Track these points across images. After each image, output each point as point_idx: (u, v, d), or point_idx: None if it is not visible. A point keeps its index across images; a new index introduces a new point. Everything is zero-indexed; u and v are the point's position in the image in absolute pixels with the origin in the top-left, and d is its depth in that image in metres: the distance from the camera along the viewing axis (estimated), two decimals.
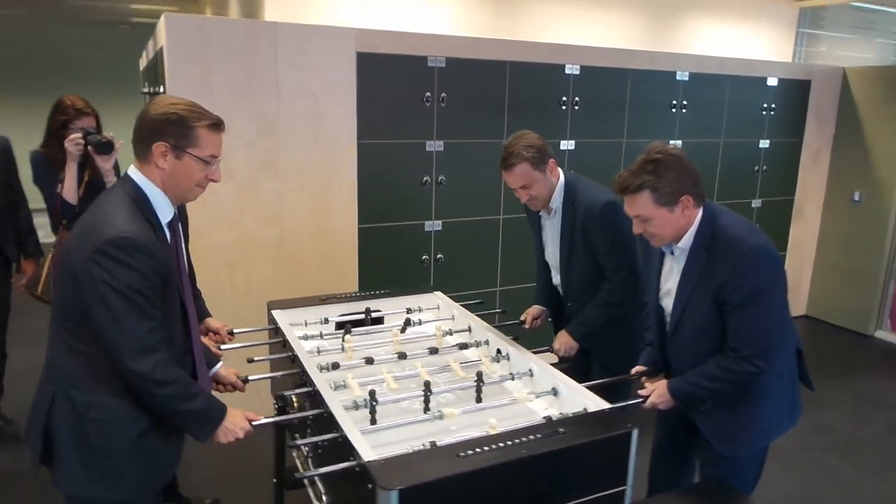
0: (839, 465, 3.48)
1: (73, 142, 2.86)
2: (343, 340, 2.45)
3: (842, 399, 4.19)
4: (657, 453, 2.30)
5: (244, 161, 3.28)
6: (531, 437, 1.70)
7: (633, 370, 2.23)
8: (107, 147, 2.90)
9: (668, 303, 2.04)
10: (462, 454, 1.60)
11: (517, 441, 1.67)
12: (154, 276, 1.59)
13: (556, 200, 2.50)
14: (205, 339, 2.35)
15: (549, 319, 2.79)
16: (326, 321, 2.67)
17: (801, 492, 3.18)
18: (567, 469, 1.70)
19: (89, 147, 2.88)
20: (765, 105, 4.89)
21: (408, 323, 2.69)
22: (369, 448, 1.63)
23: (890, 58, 7.98)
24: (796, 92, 5.05)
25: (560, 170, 2.50)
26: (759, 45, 6.01)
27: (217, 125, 1.70)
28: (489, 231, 3.98)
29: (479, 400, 2.09)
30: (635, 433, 1.77)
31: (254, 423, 1.85)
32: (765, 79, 4.85)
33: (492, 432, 1.77)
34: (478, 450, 1.62)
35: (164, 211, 1.69)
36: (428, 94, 3.62)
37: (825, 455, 3.55)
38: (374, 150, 3.56)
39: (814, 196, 5.44)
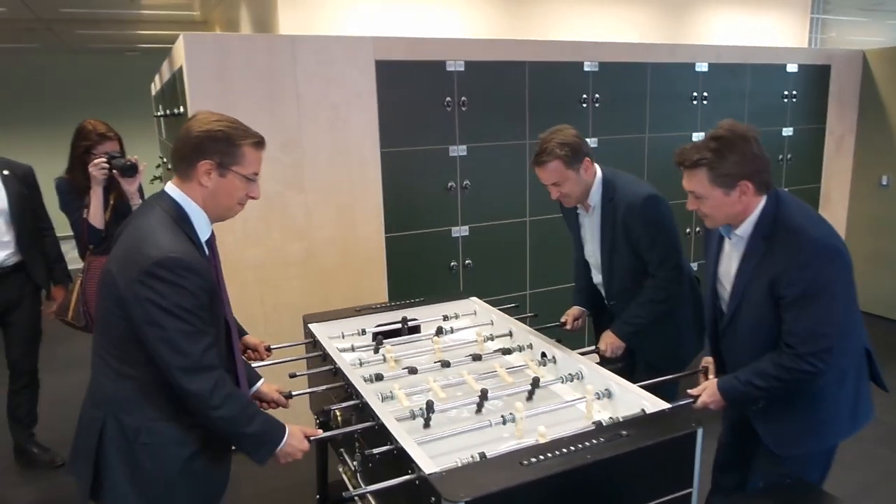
0: (890, 456, 3.38)
1: (98, 166, 2.85)
2: (380, 350, 2.41)
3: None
4: (723, 450, 2.22)
5: (269, 176, 3.25)
6: (594, 441, 1.64)
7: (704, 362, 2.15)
8: (132, 170, 2.89)
9: (723, 288, 1.97)
10: (525, 462, 1.55)
11: (580, 446, 1.61)
12: (203, 294, 1.56)
13: (595, 197, 2.45)
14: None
15: (589, 318, 2.73)
16: (363, 332, 2.63)
17: (852, 485, 3.09)
18: (632, 473, 1.64)
19: (114, 171, 2.87)
20: (786, 92, 4.82)
21: (440, 331, 2.64)
22: (428, 459, 1.58)
23: None
24: (817, 77, 4.97)
25: (597, 166, 2.45)
26: (774, 33, 5.94)
27: (260, 143, 1.69)
28: (516, 234, 3.93)
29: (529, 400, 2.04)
30: (700, 433, 1.71)
31: (311, 438, 1.80)
32: (784, 66, 4.77)
33: (541, 440, 1.71)
34: (541, 457, 1.56)
35: (204, 229, 1.67)
36: (448, 98, 3.58)
37: (874, 447, 3.45)
38: (397, 158, 3.53)
39: (840, 182, 5.35)
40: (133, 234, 1.59)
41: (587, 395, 1.92)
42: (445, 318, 2.78)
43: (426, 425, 1.88)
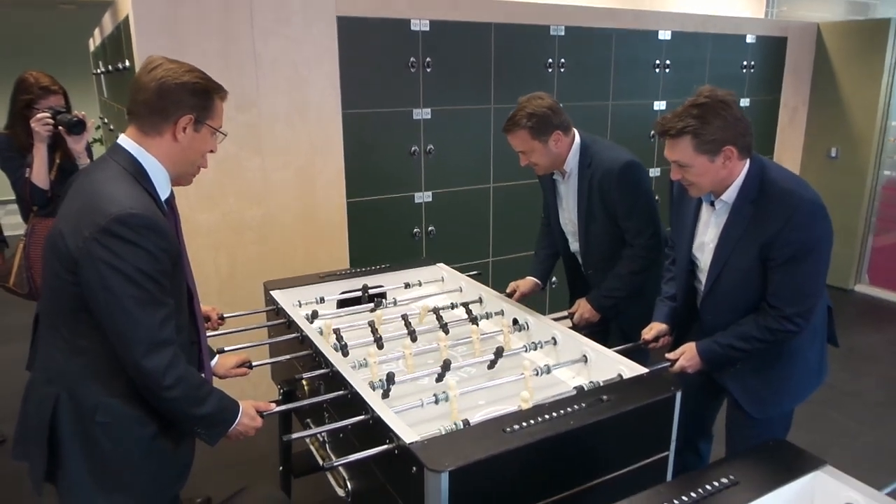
0: (838, 417, 3.51)
1: (41, 122, 2.64)
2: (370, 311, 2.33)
3: (831, 353, 4.23)
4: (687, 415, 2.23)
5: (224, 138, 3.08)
6: (575, 406, 1.61)
7: (649, 329, 2.14)
8: (79, 127, 2.69)
9: (701, 256, 1.96)
10: (508, 430, 1.50)
11: (562, 412, 1.58)
12: (165, 257, 1.42)
13: (571, 163, 2.40)
14: None
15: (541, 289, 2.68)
16: (322, 300, 2.53)
17: (802, 445, 3.19)
18: (613, 438, 1.62)
19: (59, 127, 2.66)
20: (744, 63, 4.86)
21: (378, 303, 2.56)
22: (408, 429, 1.52)
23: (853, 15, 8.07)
24: (773, 49, 5.03)
25: (576, 131, 2.39)
26: (733, 6, 5.97)
27: (226, 95, 1.58)
28: (480, 201, 3.87)
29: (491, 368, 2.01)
30: (679, 396, 1.70)
31: (265, 413, 1.71)
32: (743, 36, 4.81)
33: (524, 406, 1.67)
34: (524, 424, 1.52)
35: (163, 186, 1.52)
36: (413, 59, 3.46)
37: (823, 409, 3.57)
38: (359, 121, 3.39)
39: (792, 154, 5.47)
40: (86, 188, 1.44)
41: (525, 372, 1.86)
42: (407, 285, 2.70)
43: (384, 396, 1.81)
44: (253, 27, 3.05)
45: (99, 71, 5.24)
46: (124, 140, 1.49)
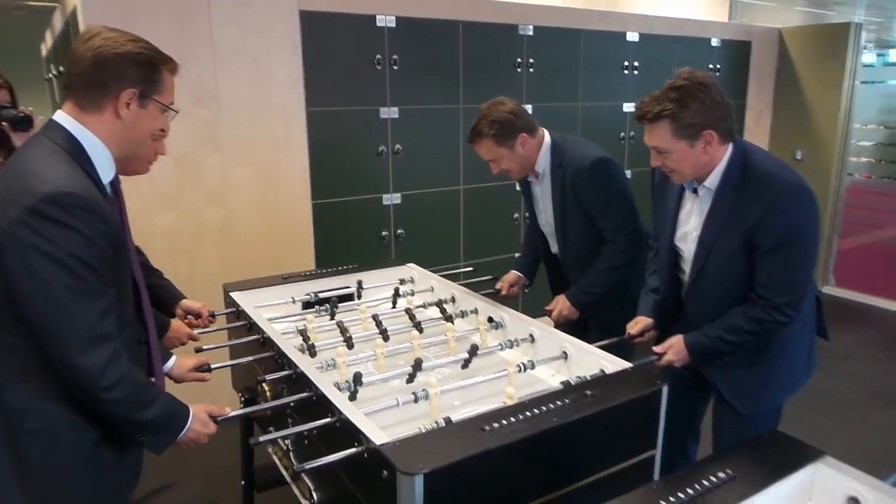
0: (813, 418, 3.48)
1: None
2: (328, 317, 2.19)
3: None
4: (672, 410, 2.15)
5: (181, 133, 2.92)
6: (557, 402, 1.50)
7: (634, 323, 2.06)
8: (25, 122, 2.51)
9: (685, 246, 1.88)
10: (487, 428, 1.39)
11: (544, 409, 1.47)
12: (103, 242, 1.27)
13: (542, 164, 2.32)
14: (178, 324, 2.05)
15: (527, 286, 2.61)
16: (285, 302, 2.39)
17: None
18: (599, 436, 1.52)
19: (3, 123, 2.49)
20: (710, 66, 4.88)
21: (397, 294, 2.47)
22: (378, 430, 1.39)
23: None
24: (738, 53, 5.07)
25: (545, 131, 2.32)
26: (697, 15, 6.03)
27: (175, 68, 1.43)
28: (450, 203, 3.77)
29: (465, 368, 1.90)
30: (665, 390, 1.61)
31: (219, 418, 1.56)
32: (709, 40, 4.84)
33: (509, 402, 1.56)
34: (504, 422, 1.41)
35: (105, 167, 1.37)
36: (379, 56, 3.36)
37: (798, 409, 3.52)
38: (324, 119, 3.27)
39: None
40: (14, 168, 1.29)
41: (509, 368, 1.76)
42: (360, 284, 2.58)
43: (352, 398, 1.68)
44: (210, 13, 2.91)
45: (51, 75, 5.02)
46: (60, 115, 1.34)
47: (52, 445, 1.32)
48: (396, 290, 2.51)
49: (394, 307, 2.42)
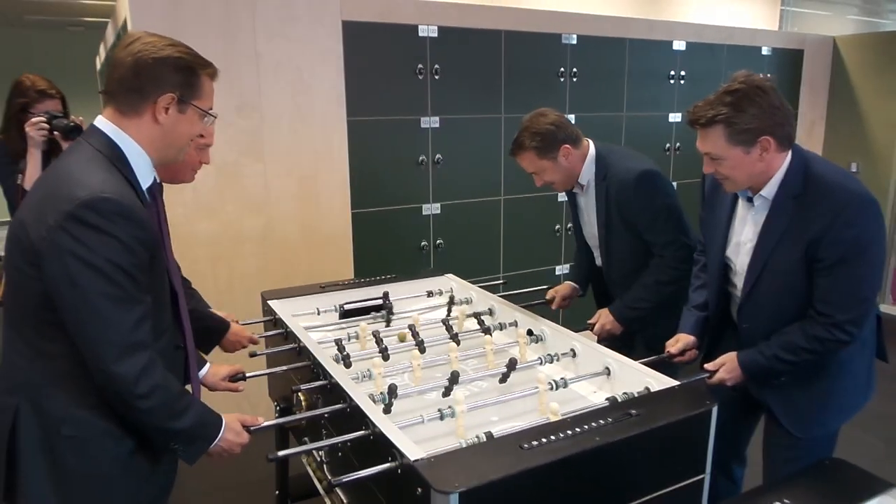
0: (870, 440, 3.30)
1: (36, 126, 2.53)
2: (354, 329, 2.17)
3: None
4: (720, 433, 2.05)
5: (224, 143, 2.96)
6: (600, 421, 1.43)
7: (675, 341, 1.96)
8: (76, 132, 2.57)
9: (737, 259, 1.79)
10: (526, 446, 1.33)
11: (585, 427, 1.41)
12: (140, 248, 1.27)
13: (587, 176, 2.26)
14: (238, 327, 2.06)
15: (580, 296, 2.54)
16: (336, 308, 2.37)
17: None
18: (644, 458, 1.44)
19: (55, 133, 2.56)
20: (760, 76, 4.71)
21: (452, 302, 2.45)
22: (413, 445, 1.35)
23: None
24: (790, 62, 4.91)
25: (590, 142, 2.26)
26: (747, 19, 5.89)
27: (216, 73, 1.43)
28: (491, 214, 3.72)
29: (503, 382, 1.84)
30: (715, 411, 1.53)
31: (252, 428, 1.54)
32: (759, 49, 4.69)
33: (552, 418, 1.49)
34: (543, 440, 1.35)
35: (145, 173, 1.37)
36: (420, 66, 3.35)
37: (854, 430, 3.34)
38: (365, 128, 3.27)
39: None
40: (53, 174, 1.29)
41: (540, 386, 1.68)
42: (430, 293, 2.54)
43: (386, 410, 1.64)
44: (255, 27, 2.94)
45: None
46: (100, 121, 1.35)
47: (88, 453, 1.32)
48: (451, 298, 2.47)
49: (448, 315, 2.37)
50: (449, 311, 2.42)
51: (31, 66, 8.52)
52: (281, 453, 1.54)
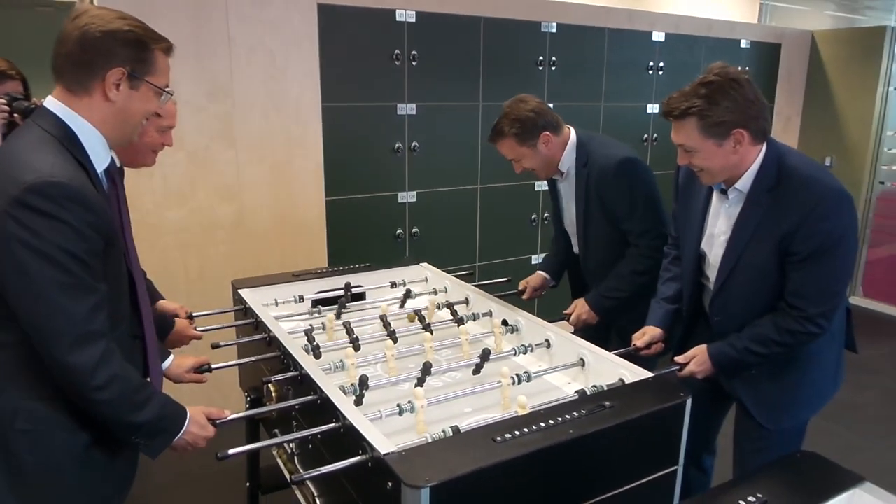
0: (839, 430, 3.35)
1: None
2: (334, 317, 2.12)
3: None
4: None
5: (194, 128, 2.89)
6: (574, 413, 1.42)
7: (641, 334, 1.95)
8: None
9: (710, 251, 1.78)
10: (499, 439, 1.31)
11: (559, 420, 1.39)
12: (93, 234, 1.20)
13: (567, 162, 2.23)
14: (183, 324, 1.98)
15: (552, 287, 2.52)
16: (301, 299, 2.33)
17: None
18: (618, 450, 1.43)
19: (15, 115, 2.46)
20: (738, 68, 4.73)
21: (408, 295, 2.40)
22: (383, 438, 1.32)
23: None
24: (768, 56, 4.93)
25: (571, 129, 2.24)
26: (726, 12, 5.89)
27: (170, 48, 1.35)
28: (467, 202, 3.69)
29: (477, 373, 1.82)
30: (689, 403, 1.52)
31: (218, 421, 1.49)
32: (738, 42, 4.70)
33: (521, 412, 1.47)
34: (516, 433, 1.33)
35: (100, 154, 1.30)
36: (397, 51, 3.29)
37: (823, 421, 3.38)
38: (340, 115, 3.21)
39: None
40: (2, 157, 1.22)
41: (503, 381, 1.66)
42: (393, 284, 2.51)
43: (358, 402, 1.61)
44: (227, 9, 2.86)
45: None
46: (50, 101, 1.28)
47: (43, 446, 1.26)
48: (408, 290, 2.43)
49: (402, 307, 2.34)
50: (403, 303, 2.37)
51: None
52: (254, 446, 1.50)
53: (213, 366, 1.83)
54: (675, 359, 1.82)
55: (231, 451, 1.38)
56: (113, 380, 1.22)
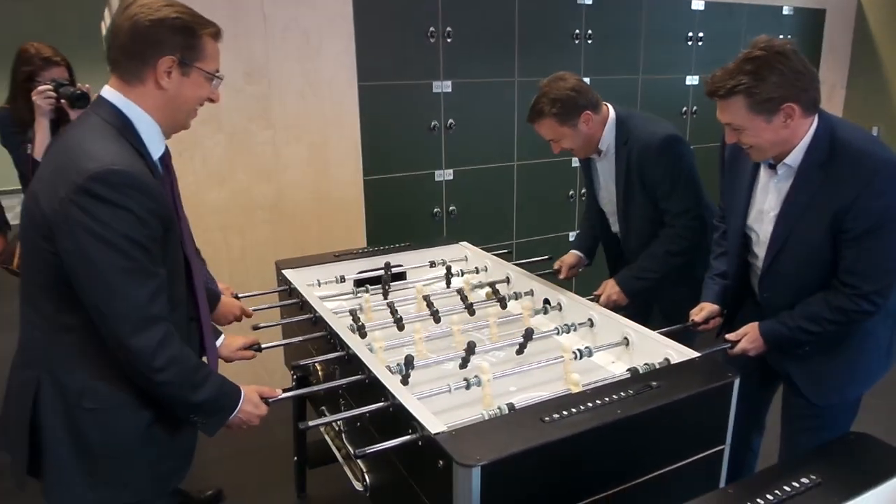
0: (889, 408, 3.27)
1: (43, 95, 2.49)
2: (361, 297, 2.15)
3: None
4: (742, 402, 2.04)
5: (232, 109, 2.92)
6: (620, 394, 1.42)
7: (699, 309, 1.94)
8: (83, 100, 2.53)
9: (759, 227, 1.75)
10: (547, 419, 1.32)
11: (606, 400, 1.40)
12: (153, 220, 1.24)
13: (607, 141, 2.20)
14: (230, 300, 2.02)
15: (587, 265, 2.51)
16: (342, 279, 2.36)
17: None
18: (666, 429, 1.43)
19: (62, 101, 2.52)
20: (780, 36, 4.56)
21: (449, 272, 2.42)
22: (432, 417, 1.34)
23: None
24: (811, 22, 4.76)
25: (610, 106, 2.20)
26: None
27: (219, 33, 1.37)
28: (504, 179, 3.67)
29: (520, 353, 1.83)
30: (737, 383, 1.51)
31: (270, 400, 1.54)
32: (780, 8, 4.55)
33: (573, 389, 1.48)
34: (564, 413, 1.34)
35: (155, 142, 1.34)
36: (432, 28, 3.26)
37: (870, 399, 3.34)
38: (376, 93, 3.21)
39: None
40: (63, 146, 1.26)
41: (565, 355, 1.68)
42: (433, 264, 2.53)
43: (404, 382, 1.63)
44: None
45: None
46: (107, 91, 1.31)
47: (108, 424, 1.32)
48: (449, 268, 2.45)
49: (448, 287, 2.36)
50: (448, 282, 2.39)
51: (35, 32, 8.46)
52: (311, 423, 1.54)
53: (266, 345, 1.87)
54: (727, 336, 1.80)
55: (311, 423, 1.53)
56: (173, 361, 1.26)
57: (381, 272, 2.39)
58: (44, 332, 1.30)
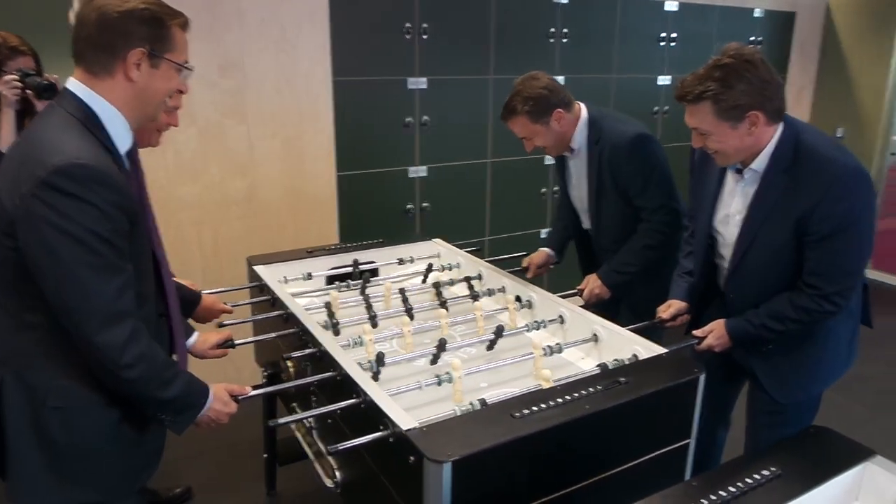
0: (847, 403, 3.37)
1: (9, 84, 2.43)
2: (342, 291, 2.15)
3: None
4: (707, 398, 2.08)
5: (207, 103, 2.89)
6: (590, 389, 1.44)
7: (667, 306, 1.98)
8: (50, 91, 2.48)
9: (725, 230, 1.79)
10: (518, 414, 1.34)
11: (575, 395, 1.42)
12: (119, 215, 1.22)
13: (579, 140, 2.23)
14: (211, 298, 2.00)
15: (553, 265, 2.54)
16: (310, 276, 2.35)
17: None
18: (633, 424, 1.46)
19: (28, 91, 2.47)
20: (751, 38, 4.68)
21: (430, 269, 2.43)
22: (404, 413, 1.35)
23: None
24: (781, 24, 4.85)
25: (582, 105, 2.23)
26: None
27: (187, 23, 1.35)
28: (478, 176, 3.68)
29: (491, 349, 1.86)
30: (703, 379, 1.54)
31: (240, 398, 1.53)
32: (751, 10, 4.63)
33: (545, 385, 1.50)
34: (534, 408, 1.36)
35: (122, 136, 1.31)
36: (408, 24, 3.26)
37: (833, 394, 3.44)
38: (351, 89, 3.20)
39: None
40: (27, 140, 1.24)
41: (535, 352, 1.70)
42: (401, 261, 2.53)
43: (374, 378, 1.64)
44: None
45: None
46: (72, 83, 1.28)
47: (75, 423, 1.30)
48: (429, 265, 2.46)
49: (424, 283, 2.37)
50: (425, 278, 2.40)
51: (1, 22, 8.24)
52: (281, 421, 1.54)
53: (239, 341, 1.86)
54: (694, 333, 1.84)
55: (281, 421, 1.55)
56: (141, 358, 1.25)
57: (353, 268, 2.39)
58: (9, 330, 1.28)
